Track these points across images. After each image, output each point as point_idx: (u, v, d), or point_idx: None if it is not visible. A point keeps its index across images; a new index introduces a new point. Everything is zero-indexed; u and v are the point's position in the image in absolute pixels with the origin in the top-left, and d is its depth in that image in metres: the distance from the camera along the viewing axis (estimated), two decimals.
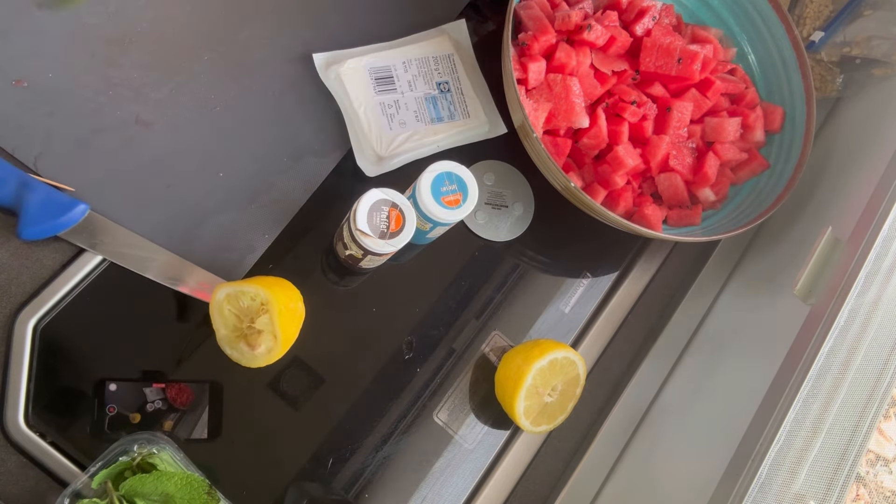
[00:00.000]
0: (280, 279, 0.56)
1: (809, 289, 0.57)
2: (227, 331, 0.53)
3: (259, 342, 0.53)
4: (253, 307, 0.53)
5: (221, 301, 0.53)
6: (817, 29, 0.74)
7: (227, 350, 0.54)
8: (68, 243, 0.56)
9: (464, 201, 0.55)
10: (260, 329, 0.53)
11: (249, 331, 0.53)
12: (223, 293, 0.53)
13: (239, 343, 0.53)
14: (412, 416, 0.61)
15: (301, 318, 0.56)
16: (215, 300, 0.53)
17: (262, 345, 0.53)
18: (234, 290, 0.53)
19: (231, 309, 0.53)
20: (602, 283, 0.69)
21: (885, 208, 0.57)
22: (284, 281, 0.56)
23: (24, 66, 0.57)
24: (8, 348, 0.53)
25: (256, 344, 0.53)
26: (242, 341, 0.53)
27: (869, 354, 0.51)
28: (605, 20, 0.66)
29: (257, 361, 0.53)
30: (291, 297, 0.55)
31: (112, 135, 0.58)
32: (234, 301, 0.53)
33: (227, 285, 0.53)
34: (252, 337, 0.53)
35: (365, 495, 0.58)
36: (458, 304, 0.64)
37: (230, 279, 0.58)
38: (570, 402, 0.62)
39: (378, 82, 0.64)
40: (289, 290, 0.56)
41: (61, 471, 0.52)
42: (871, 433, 0.49)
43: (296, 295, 0.56)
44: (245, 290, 0.53)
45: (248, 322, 0.53)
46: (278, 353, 0.54)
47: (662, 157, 0.65)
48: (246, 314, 0.53)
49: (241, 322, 0.53)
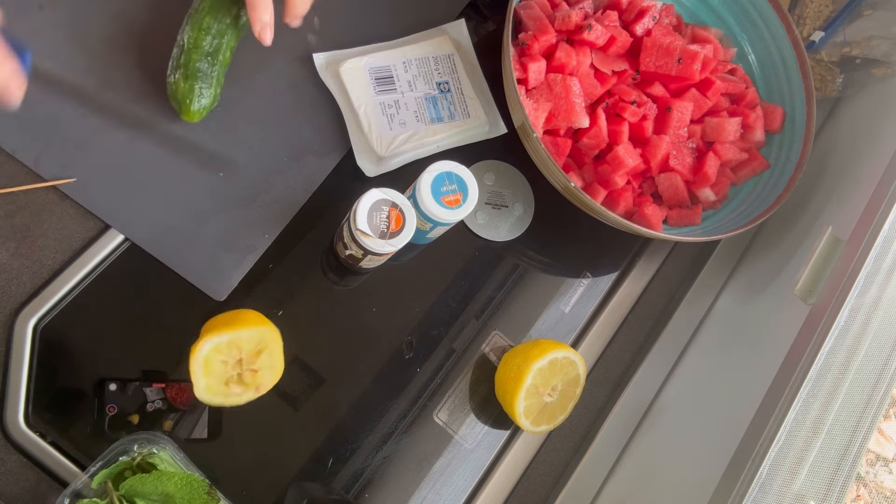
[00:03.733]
0: (249, 311, 0.55)
1: (809, 289, 0.57)
2: (213, 380, 0.51)
3: (257, 380, 0.51)
4: (251, 349, 0.51)
5: (209, 354, 0.50)
6: (817, 29, 0.74)
7: (211, 398, 0.51)
8: (68, 242, 0.56)
9: (464, 201, 0.55)
10: (257, 369, 0.51)
11: (245, 373, 0.51)
12: (210, 346, 0.50)
13: (228, 387, 0.51)
14: (412, 415, 0.61)
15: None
16: (200, 356, 0.50)
17: (261, 381, 0.52)
18: (225, 338, 0.50)
19: (223, 358, 0.51)
20: (602, 283, 0.69)
21: (885, 208, 0.57)
22: (252, 312, 0.55)
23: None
24: (8, 348, 0.53)
25: (254, 382, 0.51)
26: (234, 384, 0.51)
27: (869, 354, 0.51)
28: (605, 20, 0.66)
29: (252, 396, 0.52)
30: (267, 324, 0.54)
31: (112, 135, 0.58)
32: (226, 351, 0.51)
33: (213, 336, 0.50)
34: (247, 376, 0.51)
35: (365, 495, 0.58)
36: (458, 304, 0.64)
37: (230, 279, 0.58)
38: (570, 402, 0.62)
39: (378, 82, 0.64)
40: (261, 318, 0.54)
41: (61, 471, 0.52)
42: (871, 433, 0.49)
43: (265, 321, 0.55)
44: (241, 336, 0.50)
45: (246, 366, 0.51)
46: (275, 379, 0.53)
47: (662, 157, 0.65)
48: (240, 359, 0.51)
49: (231, 368, 0.51)
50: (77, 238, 0.56)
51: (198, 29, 0.56)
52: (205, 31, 0.56)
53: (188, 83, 0.56)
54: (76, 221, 0.57)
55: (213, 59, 0.56)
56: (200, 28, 0.56)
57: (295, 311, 0.60)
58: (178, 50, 0.56)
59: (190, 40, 0.56)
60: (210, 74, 0.57)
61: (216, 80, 0.57)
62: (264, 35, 0.55)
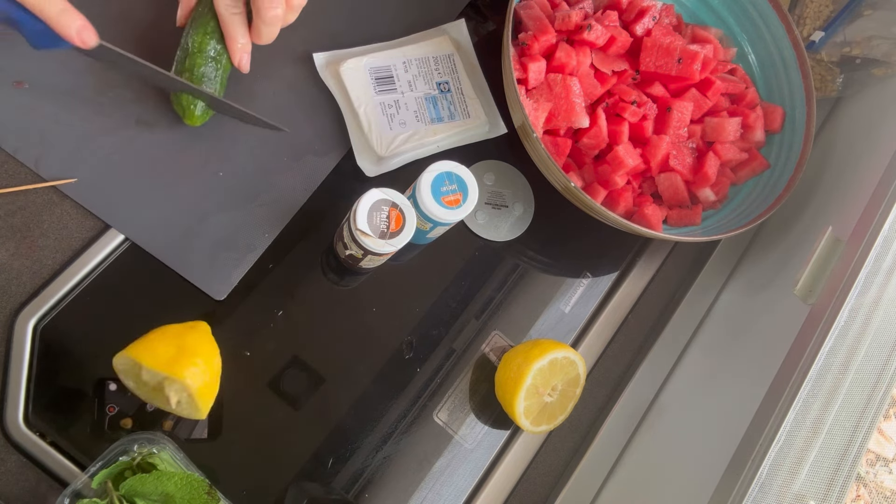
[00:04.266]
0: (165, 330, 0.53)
1: (809, 289, 0.57)
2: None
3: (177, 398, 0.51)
4: (153, 383, 0.50)
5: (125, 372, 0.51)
6: (817, 29, 0.74)
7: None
8: (68, 242, 0.56)
9: (464, 201, 0.55)
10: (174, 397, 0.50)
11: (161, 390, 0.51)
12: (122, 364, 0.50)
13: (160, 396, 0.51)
14: (412, 415, 0.61)
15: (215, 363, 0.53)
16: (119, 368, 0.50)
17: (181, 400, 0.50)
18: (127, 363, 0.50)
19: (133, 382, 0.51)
20: (602, 283, 0.69)
21: (885, 208, 0.57)
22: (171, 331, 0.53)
23: (25, 68, 0.57)
24: (8, 348, 0.53)
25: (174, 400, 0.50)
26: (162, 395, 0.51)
27: (869, 354, 0.51)
28: (605, 20, 0.66)
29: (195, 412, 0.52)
30: (195, 357, 0.51)
31: (112, 135, 0.58)
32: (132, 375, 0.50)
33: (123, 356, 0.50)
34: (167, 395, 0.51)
35: (365, 495, 0.58)
36: (458, 304, 0.64)
37: (230, 279, 0.58)
38: (570, 402, 0.62)
39: (378, 82, 0.64)
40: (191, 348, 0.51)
41: (61, 471, 0.52)
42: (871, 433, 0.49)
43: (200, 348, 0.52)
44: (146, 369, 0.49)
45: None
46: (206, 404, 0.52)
47: (662, 157, 0.65)
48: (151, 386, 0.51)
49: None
50: (77, 238, 0.56)
51: (203, 33, 0.56)
52: (210, 35, 0.56)
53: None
54: (76, 221, 0.57)
55: (217, 64, 0.56)
56: (206, 32, 0.56)
57: (295, 311, 0.60)
58: (182, 53, 0.56)
59: (195, 44, 0.55)
60: (214, 79, 0.56)
61: (220, 84, 0.57)
62: (242, 62, 0.58)
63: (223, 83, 0.58)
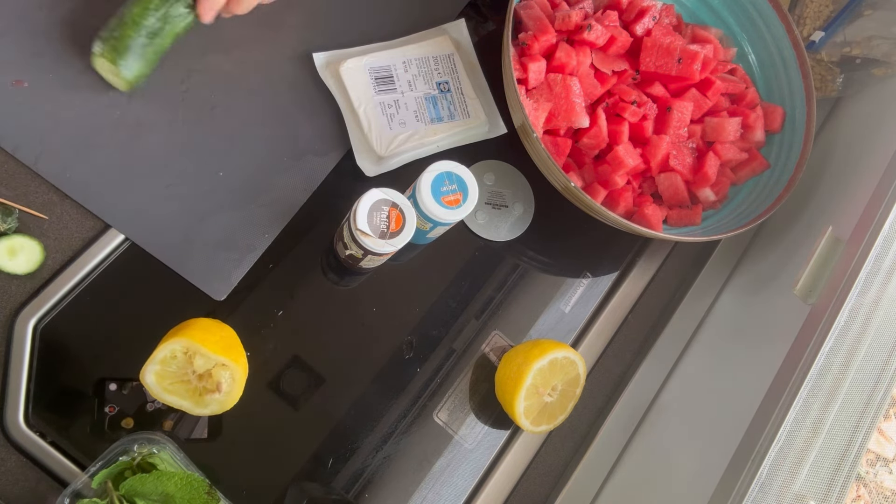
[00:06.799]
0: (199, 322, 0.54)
1: (809, 289, 0.57)
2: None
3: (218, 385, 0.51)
4: (203, 368, 0.51)
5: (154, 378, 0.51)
6: (817, 29, 0.74)
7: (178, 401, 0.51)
8: (68, 242, 0.56)
9: (464, 201, 0.55)
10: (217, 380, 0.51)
11: (202, 383, 0.51)
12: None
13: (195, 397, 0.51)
14: (412, 415, 0.61)
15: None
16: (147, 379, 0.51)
17: (223, 387, 0.51)
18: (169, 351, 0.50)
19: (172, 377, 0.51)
20: (602, 283, 0.69)
21: (885, 208, 0.57)
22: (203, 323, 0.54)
23: (25, 67, 0.57)
24: (8, 348, 0.53)
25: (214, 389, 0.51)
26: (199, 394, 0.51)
27: (869, 354, 0.51)
28: (605, 20, 0.66)
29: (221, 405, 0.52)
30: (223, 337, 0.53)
31: (112, 135, 0.58)
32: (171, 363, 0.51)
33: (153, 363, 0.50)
34: (209, 384, 0.51)
35: (365, 495, 0.58)
36: (458, 304, 0.64)
37: (230, 279, 0.58)
38: (570, 402, 0.62)
39: (378, 82, 0.64)
40: (214, 330, 0.53)
41: (61, 471, 0.52)
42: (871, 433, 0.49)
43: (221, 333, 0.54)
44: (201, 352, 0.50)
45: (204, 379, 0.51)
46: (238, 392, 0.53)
47: (662, 157, 0.65)
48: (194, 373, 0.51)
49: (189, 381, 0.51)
50: (77, 238, 0.56)
51: (143, 7, 0.55)
52: (153, 9, 0.55)
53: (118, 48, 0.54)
54: (76, 221, 0.57)
55: (149, 40, 0.56)
56: (147, 7, 0.55)
57: (295, 311, 0.60)
58: (116, 20, 0.55)
59: (132, 15, 0.55)
60: (140, 55, 0.55)
61: (148, 62, 0.56)
62: (204, 14, 0.55)
63: (151, 62, 0.57)
